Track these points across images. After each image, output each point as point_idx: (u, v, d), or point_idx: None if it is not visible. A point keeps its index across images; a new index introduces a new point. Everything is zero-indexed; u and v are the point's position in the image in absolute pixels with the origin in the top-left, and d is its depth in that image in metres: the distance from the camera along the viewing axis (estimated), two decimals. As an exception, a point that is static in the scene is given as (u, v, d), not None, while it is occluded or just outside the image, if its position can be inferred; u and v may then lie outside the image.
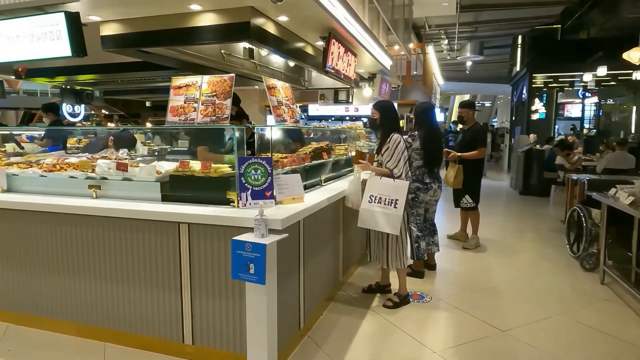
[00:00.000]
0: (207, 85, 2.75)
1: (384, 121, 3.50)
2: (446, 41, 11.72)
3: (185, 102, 2.77)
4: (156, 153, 6.26)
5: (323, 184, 3.73)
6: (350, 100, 9.25)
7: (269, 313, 2.30)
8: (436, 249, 4.47)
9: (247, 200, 2.62)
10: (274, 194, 2.72)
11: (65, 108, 11.86)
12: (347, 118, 10.61)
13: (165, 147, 7.22)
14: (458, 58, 13.57)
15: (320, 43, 4.01)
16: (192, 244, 2.61)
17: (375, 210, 3.33)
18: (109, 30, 2.97)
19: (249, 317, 2.32)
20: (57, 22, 2.82)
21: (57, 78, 5.54)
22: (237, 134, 2.72)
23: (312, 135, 6.20)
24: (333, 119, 10.86)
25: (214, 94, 2.71)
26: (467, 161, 5.02)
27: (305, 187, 3.44)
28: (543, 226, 6.71)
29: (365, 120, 8.60)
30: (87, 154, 4.02)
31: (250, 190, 2.63)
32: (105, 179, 3.03)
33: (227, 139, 3.17)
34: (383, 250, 3.54)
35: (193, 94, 2.76)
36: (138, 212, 2.63)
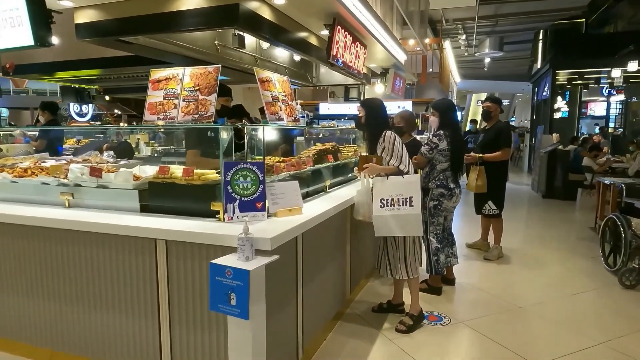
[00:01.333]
0: (190, 78, 2.37)
1: (372, 119, 3.14)
2: (464, 36, 11.17)
3: (164, 98, 2.39)
4: (155, 155, 5.93)
5: (328, 190, 3.32)
6: (362, 98, 8.79)
7: (254, 351, 1.90)
8: (455, 261, 4.02)
9: (234, 212, 2.23)
10: (267, 205, 2.33)
11: (73, 107, 11.68)
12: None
13: (169, 148, 6.85)
14: (476, 54, 12.99)
15: (325, 32, 3.60)
16: (170, 263, 2.23)
17: (389, 215, 2.95)
18: (83, 17, 2.62)
19: (232, 356, 1.92)
20: (17, 7, 2.47)
21: (58, 74, 5.17)
22: (223, 135, 2.34)
23: (320, 136, 5.80)
24: (346, 118, 10.41)
25: (197, 88, 2.33)
26: (489, 163, 4.55)
27: (307, 195, 3.05)
28: (571, 234, 6.17)
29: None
30: (70, 156, 3.69)
31: (238, 201, 2.24)
32: (80, 185, 2.68)
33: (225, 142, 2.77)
34: (400, 258, 3.14)
35: (173, 89, 2.38)
36: (106, 226, 2.26)
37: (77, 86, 5.90)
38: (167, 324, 2.27)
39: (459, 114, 19.30)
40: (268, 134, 2.49)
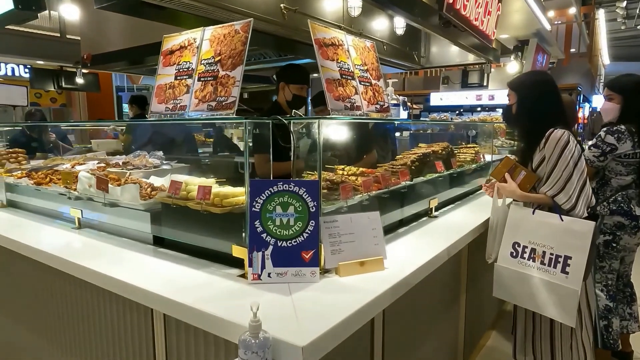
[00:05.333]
0: (210, 44, 1.50)
1: (529, 108, 1.89)
2: (624, 3, 8.75)
3: (176, 78, 1.56)
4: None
5: (433, 214, 2.23)
6: (485, 84, 7.15)
7: None
8: (636, 326, 2.62)
9: (263, 267, 1.32)
10: (322, 255, 1.37)
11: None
12: (479, 109, 8.45)
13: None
14: (639, 27, 10.24)
15: (436, -20, 2.48)
16: (169, 342, 1.41)
17: (525, 274, 1.82)
18: (101, -23, 1.96)
19: None
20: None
21: (148, 60, 4.71)
22: (265, 134, 1.43)
23: (429, 132, 4.65)
24: (462, 110, 8.80)
25: (218, 58, 1.45)
26: None
27: (401, 224, 2.02)
28: None
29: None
30: (123, 157, 3.17)
31: (271, 248, 1.32)
32: (92, 199, 2.02)
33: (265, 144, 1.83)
34: (545, 341, 1.97)
35: (188, 63, 1.54)
36: (87, 272, 1.52)
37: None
38: None
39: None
40: (333, 132, 1.52)
